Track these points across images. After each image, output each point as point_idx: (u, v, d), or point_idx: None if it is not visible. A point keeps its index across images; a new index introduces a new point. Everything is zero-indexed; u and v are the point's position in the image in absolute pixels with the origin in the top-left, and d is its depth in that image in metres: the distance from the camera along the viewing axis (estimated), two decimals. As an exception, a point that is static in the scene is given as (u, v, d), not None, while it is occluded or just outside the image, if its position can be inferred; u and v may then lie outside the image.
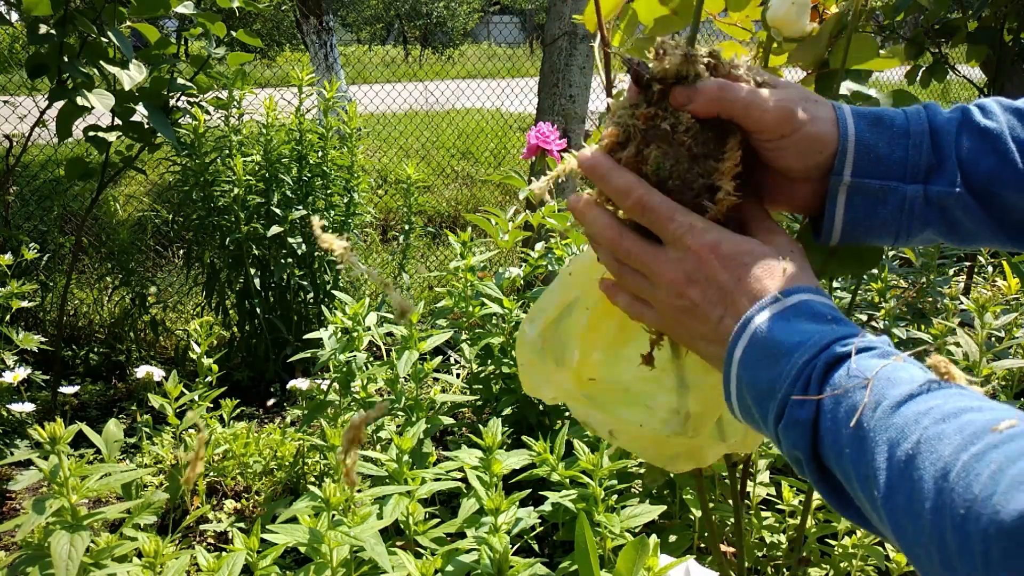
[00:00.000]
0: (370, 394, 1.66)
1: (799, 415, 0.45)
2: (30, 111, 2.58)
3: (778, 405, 0.46)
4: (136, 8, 1.85)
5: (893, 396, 0.41)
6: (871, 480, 0.40)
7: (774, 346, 0.47)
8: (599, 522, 1.23)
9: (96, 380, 2.53)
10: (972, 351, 1.56)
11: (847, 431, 0.42)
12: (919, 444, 0.38)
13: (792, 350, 0.46)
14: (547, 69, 2.97)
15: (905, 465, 0.38)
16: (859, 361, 0.44)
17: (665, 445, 0.65)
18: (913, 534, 0.37)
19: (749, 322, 0.49)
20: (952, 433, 0.37)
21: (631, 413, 0.64)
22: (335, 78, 4.91)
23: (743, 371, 0.49)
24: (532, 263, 1.94)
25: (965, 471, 0.35)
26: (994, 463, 0.34)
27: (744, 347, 0.49)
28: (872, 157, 0.56)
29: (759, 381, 0.48)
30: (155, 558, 1.10)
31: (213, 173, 2.39)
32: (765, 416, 0.48)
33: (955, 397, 0.40)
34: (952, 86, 8.20)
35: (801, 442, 0.45)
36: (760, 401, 0.48)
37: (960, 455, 0.36)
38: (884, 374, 0.43)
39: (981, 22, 2.29)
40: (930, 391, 0.41)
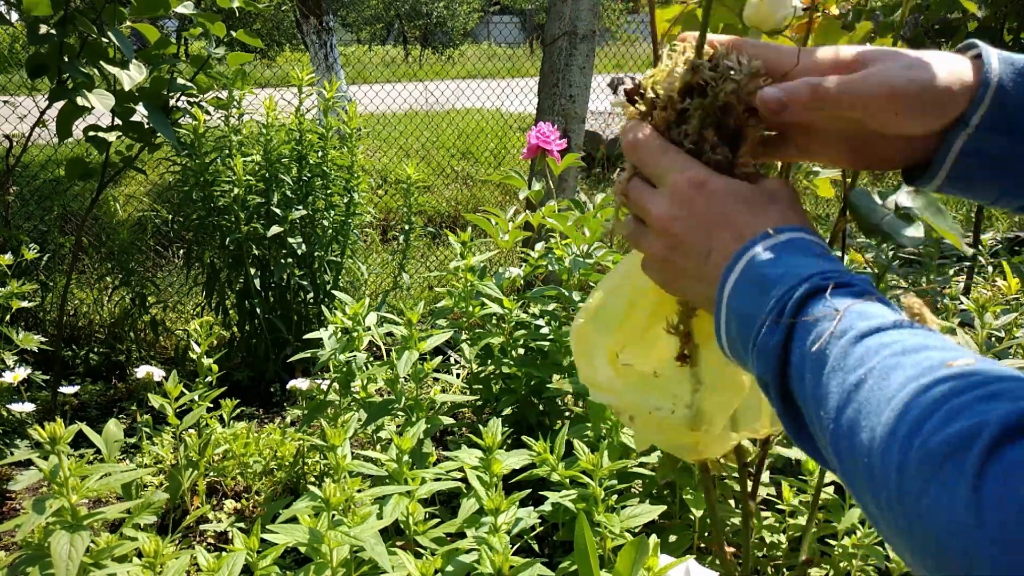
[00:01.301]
0: (370, 394, 1.66)
1: (770, 340, 0.46)
2: (30, 111, 2.58)
3: (755, 331, 0.47)
4: (136, 8, 1.85)
5: (860, 327, 0.42)
6: (822, 401, 0.41)
7: (761, 277, 0.48)
8: (599, 522, 1.23)
9: (96, 380, 2.53)
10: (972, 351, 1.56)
11: (811, 357, 0.43)
12: (873, 370, 0.39)
13: (777, 280, 0.47)
14: (547, 69, 2.97)
15: (855, 388, 0.39)
16: (835, 293, 0.45)
17: (678, 434, 0.67)
18: (848, 452, 0.38)
19: (741, 256, 0.50)
20: (908, 365, 0.38)
21: (655, 399, 0.66)
22: (335, 78, 4.91)
23: (731, 302, 0.50)
24: (532, 263, 1.94)
25: (909, 396, 0.36)
26: (938, 392, 0.35)
27: (735, 280, 0.50)
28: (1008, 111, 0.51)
29: (744, 311, 0.49)
30: (155, 558, 1.10)
31: (213, 173, 2.39)
32: (746, 345, 0.48)
33: (920, 335, 0.40)
34: (952, 86, 8.18)
35: (770, 367, 0.46)
36: (742, 331, 0.49)
37: (909, 384, 0.37)
38: (857, 308, 0.43)
39: (981, 22, 2.29)
40: (898, 327, 0.41)
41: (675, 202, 0.54)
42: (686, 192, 0.53)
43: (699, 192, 0.53)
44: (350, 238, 2.59)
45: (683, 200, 0.54)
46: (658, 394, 0.66)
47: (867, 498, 0.38)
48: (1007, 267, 1.82)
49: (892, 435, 0.35)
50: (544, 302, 1.86)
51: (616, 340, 0.67)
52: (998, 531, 0.30)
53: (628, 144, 0.57)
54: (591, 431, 1.47)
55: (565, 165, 1.93)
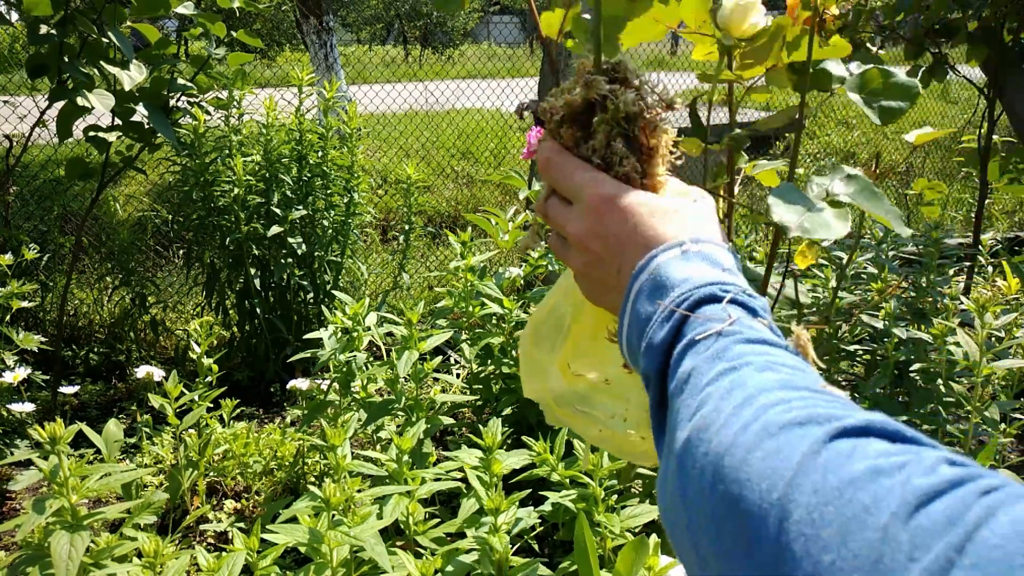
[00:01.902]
0: (370, 394, 1.66)
1: (658, 335, 0.47)
2: (30, 111, 2.58)
3: (648, 328, 0.48)
4: (136, 8, 1.85)
5: (747, 335, 0.43)
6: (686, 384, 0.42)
7: (664, 281, 0.49)
8: (599, 522, 1.23)
9: (96, 380, 2.53)
10: (972, 351, 1.56)
11: (691, 350, 0.44)
12: (747, 364, 0.40)
13: (676, 285, 0.48)
14: (547, 69, 2.97)
15: (723, 373, 0.40)
16: (729, 307, 0.45)
17: (632, 443, 0.68)
18: (681, 456, 0.39)
19: (647, 264, 0.51)
20: (784, 373, 0.39)
21: (609, 406, 0.67)
22: (335, 78, 4.91)
23: (634, 307, 0.51)
24: (532, 263, 1.94)
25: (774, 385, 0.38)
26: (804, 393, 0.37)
27: (639, 286, 0.51)
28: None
29: (642, 313, 0.49)
30: (155, 558, 1.10)
31: (213, 173, 2.39)
32: (639, 345, 0.49)
33: (798, 361, 0.42)
34: (952, 86, 8.19)
35: (654, 362, 0.47)
36: (639, 331, 0.49)
37: (776, 389, 0.38)
38: (747, 321, 0.44)
39: (981, 22, 2.29)
40: (782, 348, 0.43)
41: (589, 220, 0.55)
42: (598, 209, 0.54)
43: (610, 208, 0.54)
44: (350, 238, 2.59)
45: (596, 217, 0.54)
46: (611, 400, 0.67)
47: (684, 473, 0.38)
48: (1007, 267, 1.82)
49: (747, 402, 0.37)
50: (544, 302, 1.86)
51: (566, 352, 0.67)
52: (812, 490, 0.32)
53: (541, 164, 0.58)
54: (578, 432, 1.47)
55: (565, 165, 1.93)
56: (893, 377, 1.82)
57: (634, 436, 0.66)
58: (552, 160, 0.57)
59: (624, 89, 0.56)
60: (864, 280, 1.96)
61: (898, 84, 0.79)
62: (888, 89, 0.79)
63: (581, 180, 0.55)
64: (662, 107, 0.57)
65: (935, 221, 2.10)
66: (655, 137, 0.57)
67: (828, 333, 1.89)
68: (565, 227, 0.57)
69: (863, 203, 0.71)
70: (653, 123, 0.56)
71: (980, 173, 2.49)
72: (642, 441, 0.66)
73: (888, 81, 0.79)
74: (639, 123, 0.56)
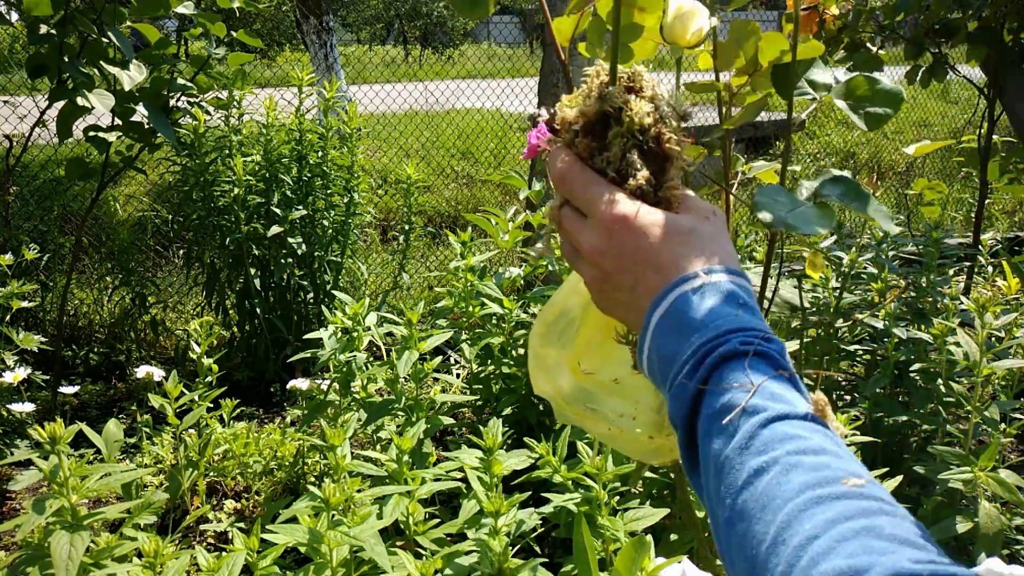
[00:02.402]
0: (370, 394, 1.66)
1: (685, 390, 0.49)
2: (30, 111, 2.58)
3: (673, 373, 0.50)
4: (136, 8, 1.85)
5: (771, 410, 0.45)
6: (723, 472, 0.44)
7: (684, 320, 0.51)
8: (602, 525, 1.23)
9: (96, 380, 2.52)
10: (972, 351, 1.56)
11: (719, 425, 0.46)
12: (776, 462, 0.42)
13: (697, 327, 0.50)
14: (547, 69, 2.97)
15: (756, 474, 0.42)
16: (754, 363, 0.47)
17: (641, 442, 0.69)
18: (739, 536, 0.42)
19: (665, 296, 0.52)
20: (807, 467, 0.41)
21: (619, 405, 0.67)
22: (335, 78, 4.91)
23: (656, 338, 0.52)
24: (532, 263, 1.94)
25: (805, 506, 0.39)
26: (831, 512, 0.38)
27: (660, 316, 0.52)
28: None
29: (665, 350, 0.51)
30: (155, 558, 1.10)
31: (213, 173, 2.39)
32: (664, 379, 0.51)
33: (821, 436, 0.44)
34: (952, 86, 8.19)
35: (680, 411, 0.49)
36: (663, 368, 0.52)
37: (805, 491, 0.40)
38: (769, 387, 0.46)
39: (981, 22, 2.29)
40: (804, 419, 0.45)
41: (602, 236, 0.55)
42: (611, 228, 0.55)
43: (624, 228, 0.54)
44: (350, 238, 2.59)
45: (610, 235, 0.55)
46: (621, 400, 0.67)
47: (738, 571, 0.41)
48: (1007, 267, 1.82)
49: (782, 543, 0.39)
50: (544, 302, 1.86)
51: (575, 351, 0.68)
52: None
53: (555, 178, 0.59)
54: (589, 432, 1.47)
55: (565, 165, 1.92)
56: (893, 377, 1.82)
57: (642, 435, 0.67)
58: (566, 174, 0.58)
59: (639, 100, 0.56)
60: (864, 280, 1.96)
61: (884, 91, 0.79)
62: (874, 96, 0.80)
63: (594, 196, 0.56)
64: (676, 118, 0.57)
65: (935, 221, 2.10)
66: (670, 147, 0.57)
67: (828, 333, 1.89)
68: (578, 239, 0.57)
69: (849, 203, 0.72)
70: (668, 134, 0.56)
71: (980, 173, 2.49)
72: (650, 440, 0.66)
73: (874, 88, 0.80)
74: (654, 134, 0.56)
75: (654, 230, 0.54)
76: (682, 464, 0.51)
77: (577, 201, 0.58)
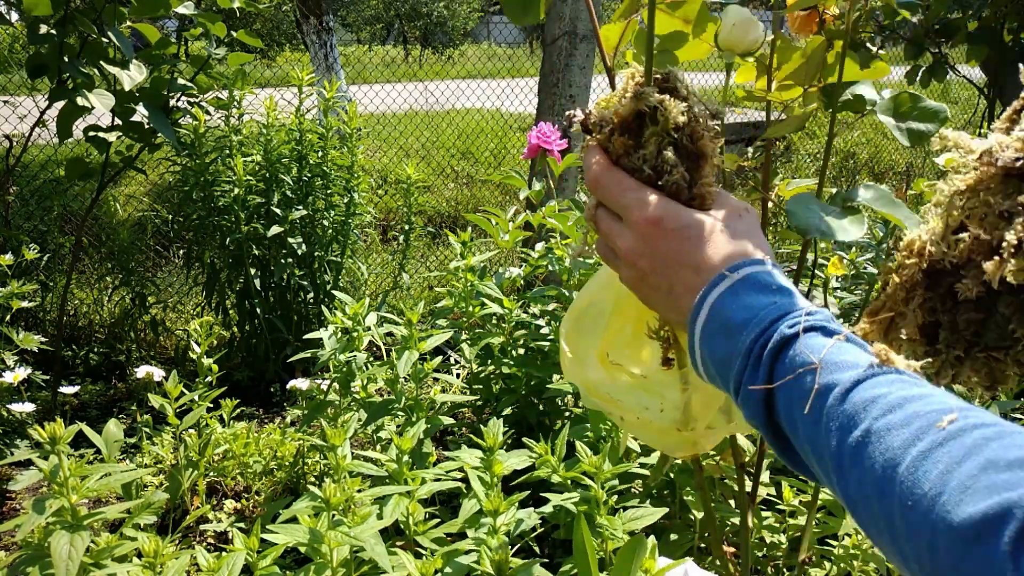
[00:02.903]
0: (370, 394, 1.66)
1: (754, 393, 0.49)
2: (30, 111, 2.58)
3: (735, 379, 0.50)
4: (136, 8, 1.85)
5: (842, 382, 0.44)
6: (825, 461, 0.44)
7: (726, 321, 0.51)
8: (601, 525, 1.23)
9: (96, 380, 2.52)
10: (972, 351, 1.56)
11: (799, 411, 0.45)
12: (868, 434, 0.41)
13: (742, 326, 0.50)
14: (547, 69, 2.97)
15: (855, 452, 0.41)
16: (807, 342, 0.47)
17: (665, 433, 0.70)
18: (864, 513, 0.41)
19: (704, 301, 0.53)
20: (899, 425, 0.40)
21: (644, 399, 0.69)
22: (335, 78, 4.91)
23: (703, 344, 0.53)
24: (532, 263, 1.94)
25: (913, 467, 0.38)
26: (941, 463, 0.37)
27: (703, 323, 0.53)
28: None
29: (717, 353, 0.52)
30: (155, 558, 1.10)
31: (213, 173, 2.39)
32: (727, 384, 0.52)
33: (898, 384, 0.43)
34: (952, 86, 8.19)
35: (757, 414, 0.49)
36: (720, 371, 0.52)
37: (908, 450, 0.38)
38: (831, 358, 0.46)
39: (981, 22, 2.29)
40: (874, 376, 0.44)
41: (637, 239, 0.56)
42: (645, 231, 0.56)
43: (658, 230, 0.55)
44: (350, 238, 2.59)
45: (645, 238, 0.56)
46: (647, 395, 0.69)
47: (892, 551, 0.39)
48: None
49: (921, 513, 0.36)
50: (544, 302, 1.86)
51: (605, 343, 0.70)
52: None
53: (590, 182, 0.60)
54: (591, 432, 1.47)
55: (565, 165, 1.93)
56: (893, 377, 1.81)
57: (669, 426, 0.68)
58: (600, 178, 0.59)
59: (674, 100, 0.57)
60: (864, 280, 1.96)
61: (927, 108, 0.81)
62: (917, 112, 0.81)
63: (629, 201, 0.57)
64: (709, 116, 0.59)
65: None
66: (703, 145, 0.58)
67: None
68: (614, 241, 0.59)
69: (883, 208, 0.74)
70: (701, 132, 0.58)
71: (980, 173, 2.49)
72: (678, 433, 0.68)
73: (917, 105, 0.81)
74: (688, 132, 0.58)
75: (688, 231, 0.55)
76: (783, 462, 0.50)
77: (611, 204, 0.59)
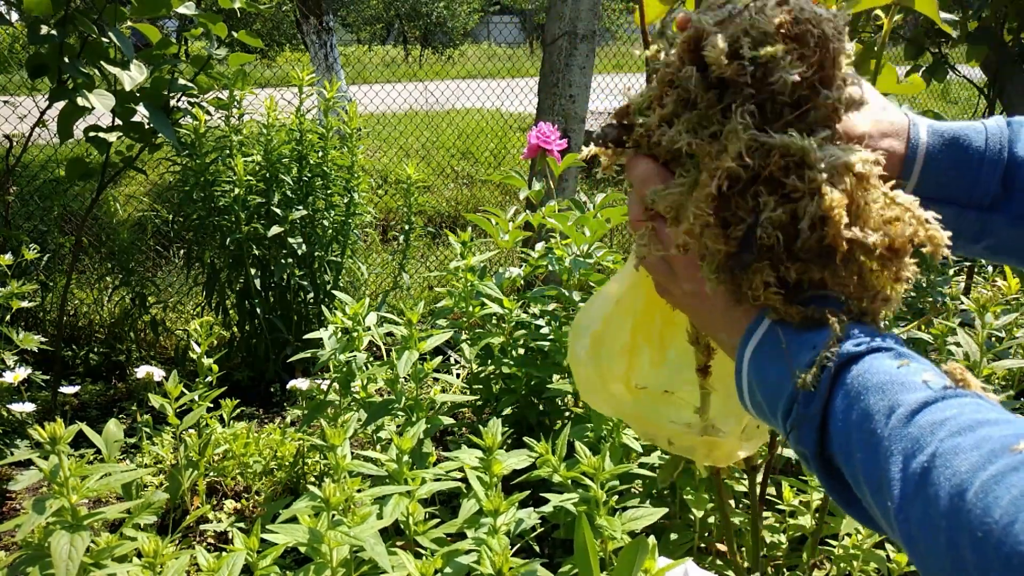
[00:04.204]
0: (370, 394, 1.66)
1: (807, 412, 0.44)
2: (30, 111, 2.58)
3: (785, 403, 0.46)
4: (137, 8, 1.85)
5: (908, 403, 0.40)
6: (884, 489, 0.39)
7: (787, 342, 0.47)
8: (601, 525, 1.23)
9: (96, 380, 2.52)
10: (972, 351, 1.56)
11: (858, 436, 0.41)
12: (935, 457, 0.37)
13: (803, 345, 0.45)
14: (547, 69, 2.97)
15: (920, 478, 0.37)
16: (872, 361, 0.42)
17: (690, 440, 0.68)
18: (926, 546, 0.37)
19: (758, 324, 0.49)
20: (969, 448, 0.36)
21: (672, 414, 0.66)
22: (335, 78, 4.91)
23: (753, 370, 0.49)
24: (532, 263, 1.94)
25: (984, 492, 0.34)
26: (1015, 488, 0.33)
27: (754, 348, 0.49)
28: (938, 180, 0.55)
29: (768, 376, 0.47)
30: (155, 558, 1.10)
31: (213, 173, 2.39)
32: (775, 411, 0.47)
33: (971, 407, 0.39)
34: (952, 86, 8.19)
35: (808, 440, 0.44)
36: (769, 397, 0.47)
37: (978, 474, 0.35)
38: (898, 378, 0.41)
39: (981, 22, 2.29)
40: (945, 399, 0.39)
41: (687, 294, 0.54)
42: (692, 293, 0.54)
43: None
44: (350, 238, 2.59)
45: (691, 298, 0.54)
46: (674, 410, 0.66)
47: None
48: (1007, 267, 1.82)
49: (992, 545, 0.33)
50: (544, 302, 1.86)
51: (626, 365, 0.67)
52: None
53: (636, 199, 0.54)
54: (591, 432, 1.47)
55: (565, 165, 1.93)
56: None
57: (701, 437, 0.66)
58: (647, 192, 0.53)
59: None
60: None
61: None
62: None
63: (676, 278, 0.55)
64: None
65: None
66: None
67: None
68: (670, 291, 0.56)
69: None
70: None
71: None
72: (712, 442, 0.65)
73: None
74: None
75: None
76: (834, 501, 0.46)
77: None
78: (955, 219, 0.55)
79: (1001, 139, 0.55)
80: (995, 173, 0.54)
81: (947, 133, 0.55)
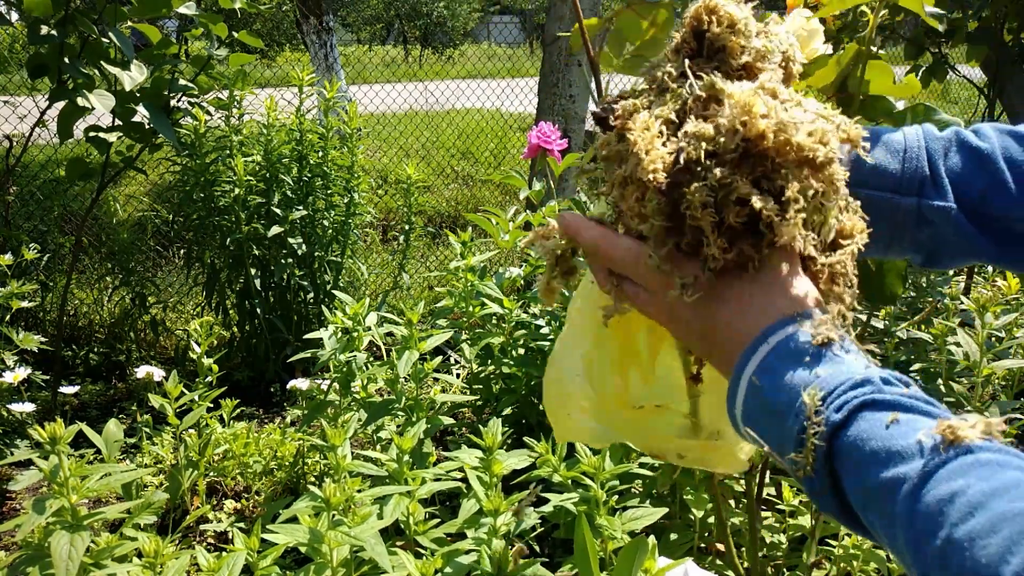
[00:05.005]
0: (370, 394, 1.66)
1: (816, 487, 0.44)
2: (30, 111, 2.58)
3: (794, 470, 0.45)
4: (137, 8, 1.85)
5: (910, 477, 0.39)
6: (904, 558, 0.39)
7: (769, 404, 0.46)
8: (601, 525, 1.23)
9: (96, 380, 2.53)
10: (972, 351, 1.56)
11: (874, 516, 0.41)
12: (950, 543, 0.36)
13: (786, 412, 0.45)
14: (547, 69, 2.97)
15: (940, 562, 0.36)
16: (861, 427, 0.42)
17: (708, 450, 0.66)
18: None
19: (739, 378, 0.48)
20: (984, 533, 0.35)
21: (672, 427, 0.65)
22: (335, 78, 4.92)
23: (751, 426, 0.48)
24: (532, 263, 1.94)
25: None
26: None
27: (742, 401, 0.48)
28: (868, 167, 0.58)
29: (769, 438, 0.47)
30: (155, 558, 1.10)
31: (213, 173, 2.39)
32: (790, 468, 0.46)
33: (975, 473, 0.38)
34: (952, 86, 8.19)
35: (829, 506, 0.44)
36: (779, 453, 0.47)
37: (1001, 567, 0.34)
38: (891, 445, 0.40)
39: (981, 22, 2.29)
40: (946, 463, 0.38)
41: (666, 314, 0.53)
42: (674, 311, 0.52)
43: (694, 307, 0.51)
44: (350, 238, 2.59)
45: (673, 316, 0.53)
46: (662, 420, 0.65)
47: None
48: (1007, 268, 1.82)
49: None
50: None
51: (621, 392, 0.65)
52: None
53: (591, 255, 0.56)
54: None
55: (566, 165, 1.93)
56: (893, 377, 1.81)
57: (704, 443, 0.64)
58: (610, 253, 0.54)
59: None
60: (864, 280, 1.96)
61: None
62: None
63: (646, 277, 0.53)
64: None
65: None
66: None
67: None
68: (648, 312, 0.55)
69: None
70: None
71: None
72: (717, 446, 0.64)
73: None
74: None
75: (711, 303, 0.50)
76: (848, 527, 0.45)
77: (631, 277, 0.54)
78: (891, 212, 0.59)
79: (916, 131, 0.60)
80: (919, 156, 0.59)
81: (869, 133, 0.58)
